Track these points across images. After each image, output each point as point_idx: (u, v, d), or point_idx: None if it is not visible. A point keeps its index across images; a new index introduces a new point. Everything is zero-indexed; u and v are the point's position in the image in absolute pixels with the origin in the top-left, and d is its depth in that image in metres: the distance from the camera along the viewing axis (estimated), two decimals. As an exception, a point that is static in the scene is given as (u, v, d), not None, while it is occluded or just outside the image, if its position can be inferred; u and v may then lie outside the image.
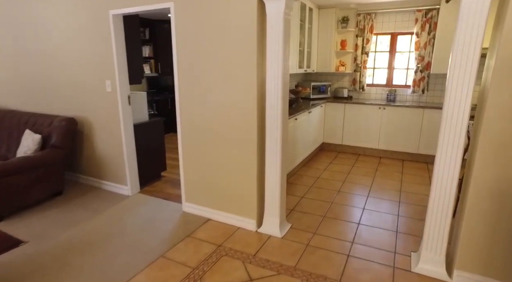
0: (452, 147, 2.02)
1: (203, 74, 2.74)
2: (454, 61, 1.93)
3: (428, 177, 4.25)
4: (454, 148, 2.01)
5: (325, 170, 4.47)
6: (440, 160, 2.07)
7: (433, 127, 4.65)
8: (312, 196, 3.60)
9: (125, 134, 3.37)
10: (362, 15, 5.20)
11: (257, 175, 2.74)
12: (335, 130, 5.31)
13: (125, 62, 3.22)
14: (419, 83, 5.03)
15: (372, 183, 3.99)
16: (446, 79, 4.97)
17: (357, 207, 3.33)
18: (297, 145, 4.13)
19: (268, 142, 2.63)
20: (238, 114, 2.67)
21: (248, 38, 2.47)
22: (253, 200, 2.80)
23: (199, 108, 2.84)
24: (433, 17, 4.79)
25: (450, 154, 2.03)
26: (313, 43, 5.16)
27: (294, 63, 4.46)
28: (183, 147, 3.03)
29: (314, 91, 5.38)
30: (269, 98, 2.53)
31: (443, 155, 2.06)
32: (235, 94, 2.64)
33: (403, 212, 3.20)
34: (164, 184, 3.92)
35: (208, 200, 3.03)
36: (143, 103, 3.74)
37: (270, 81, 2.50)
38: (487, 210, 1.97)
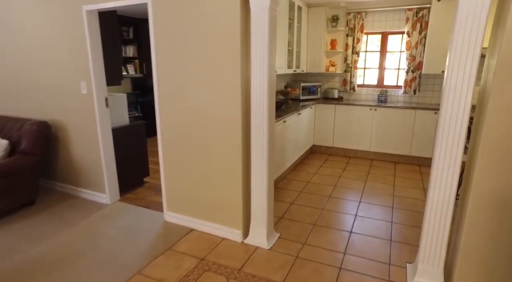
0: (450, 153, 1.87)
1: (183, 75, 2.55)
2: (452, 61, 1.78)
3: (421, 180, 4.13)
4: (453, 154, 1.87)
5: (316, 174, 4.31)
6: (437, 167, 1.93)
7: (425, 129, 4.55)
8: (302, 202, 3.43)
9: (102, 139, 3.15)
10: (352, 14, 5.07)
11: (242, 182, 2.56)
12: (325, 132, 5.16)
13: (101, 62, 3.00)
14: (410, 84, 4.93)
15: (364, 187, 3.85)
16: (437, 80, 4.90)
17: (349, 213, 3.18)
18: (286, 148, 3.97)
19: (253, 147, 2.45)
20: (220, 118, 2.49)
21: (231, 36, 2.29)
22: (238, 209, 2.62)
23: (180, 112, 2.65)
24: (424, 16, 4.68)
25: (449, 160, 1.88)
26: (302, 43, 5.01)
27: (282, 63, 4.30)
28: (163, 153, 2.83)
29: (304, 92, 5.22)
30: (254, 100, 2.36)
31: (440, 161, 1.91)
32: (217, 97, 2.46)
33: (397, 218, 3.07)
34: (147, 191, 3.71)
35: (191, 209, 2.84)
36: (123, 105, 3.53)
37: (255, 83, 2.32)
38: (488, 220, 1.83)
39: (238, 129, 2.44)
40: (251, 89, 2.35)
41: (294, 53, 4.70)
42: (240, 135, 2.45)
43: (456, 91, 1.80)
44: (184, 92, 2.58)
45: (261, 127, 2.37)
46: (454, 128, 1.84)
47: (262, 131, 2.38)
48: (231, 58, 2.33)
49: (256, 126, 2.39)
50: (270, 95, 2.35)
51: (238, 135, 2.45)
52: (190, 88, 2.55)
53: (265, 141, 2.39)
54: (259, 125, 2.38)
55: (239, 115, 2.41)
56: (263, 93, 2.31)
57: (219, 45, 2.35)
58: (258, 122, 2.38)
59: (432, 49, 4.56)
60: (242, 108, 2.41)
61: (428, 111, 4.48)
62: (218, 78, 2.42)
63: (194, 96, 2.55)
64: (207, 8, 2.32)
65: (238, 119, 2.42)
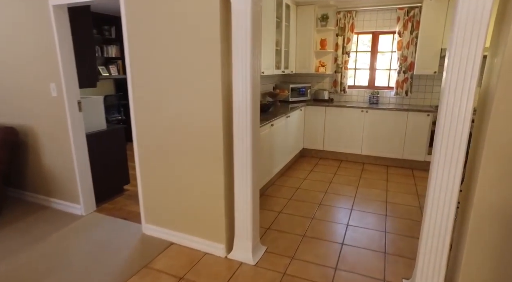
0: (450, 161, 1.71)
1: (159, 77, 2.34)
2: (451, 61, 1.61)
3: (414, 184, 3.99)
4: (453, 163, 1.70)
5: (306, 179, 4.13)
6: (435, 177, 1.76)
7: (418, 132, 4.41)
8: (291, 210, 3.25)
9: (75, 145, 2.91)
10: (342, 13, 4.91)
11: (224, 193, 2.36)
12: (315, 135, 4.99)
13: (72, 62, 2.77)
14: (402, 85, 4.79)
15: (355, 193, 3.69)
16: (429, 81, 4.78)
17: (340, 223, 3.00)
18: (274, 153, 3.78)
19: (236, 155, 2.25)
20: (200, 124, 2.28)
21: (210, 34, 2.09)
22: (221, 222, 2.42)
23: (156, 117, 2.43)
24: (415, 15, 4.55)
25: (448, 169, 1.72)
26: (291, 43, 4.83)
27: (270, 63, 4.11)
28: (140, 161, 2.61)
29: (293, 94, 5.05)
30: (236, 104, 2.16)
31: (439, 170, 1.75)
32: (196, 101, 2.25)
33: (391, 228, 2.90)
34: (126, 200, 3.47)
35: (171, 221, 2.63)
36: (99, 109, 3.29)
37: (237, 85, 2.12)
38: (492, 236, 1.67)
39: (219, 136, 2.24)
40: (233, 93, 2.15)
41: (282, 53, 4.52)
42: (222, 142, 2.25)
43: (457, 95, 1.63)
44: (161, 95, 2.37)
45: (245, 134, 2.18)
46: (454, 135, 1.68)
47: (245, 138, 2.18)
48: (211, 58, 2.12)
49: (239, 133, 2.19)
50: (254, 98, 2.16)
51: (219, 142, 2.25)
52: (166, 92, 2.34)
53: (249, 149, 2.19)
54: (242, 131, 2.18)
55: (220, 121, 2.21)
56: (246, 97, 2.11)
57: (196, 44, 2.14)
58: (241, 128, 2.18)
59: (424, 49, 4.43)
60: (224, 114, 2.21)
61: (421, 113, 4.35)
62: (197, 80, 2.21)
63: (171, 101, 2.34)
64: (184, 3, 2.11)
65: (219, 125, 2.22)
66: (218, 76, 2.14)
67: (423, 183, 4.05)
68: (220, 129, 2.22)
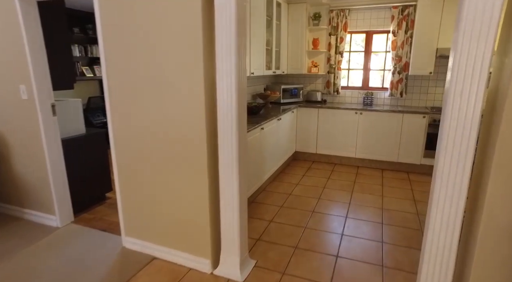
0: (455, 172, 1.54)
1: (135, 79, 2.14)
2: (457, 61, 1.45)
3: (411, 189, 3.85)
4: (458, 174, 1.54)
5: (298, 184, 3.96)
6: (439, 190, 1.59)
7: (413, 134, 4.27)
8: (282, 219, 3.07)
9: (49, 152, 2.69)
10: (335, 11, 4.75)
11: (209, 204, 2.17)
12: (308, 138, 4.82)
13: (44, 62, 2.55)
14: (397, 86, 4.65)
15: (350, 200, 3.53)
16: (424, 82, 4.64)
17: (335, 232, 2.83)
18: (265, 158, 3.60)
19: (221, 163, 2.07)
20: (181, 130, 2.09)
21: (191, 31, 1.90)
22: (206, 235, 2.23)
23: (134, 122, 2.23)
24: (410, 14, 4.42)
25: (454, 181, 1.55)
26: (282, 42, 4.66)
27: (260, 64, 3.93)
28: (118, 170, 2.41)
29: (285, 95, 4.87)
30: (220, 108, 1.97)
31: (443, 183, 1.58)
32: (176, 104, 2.06)
33: (388, 237, 2.74)
34: (108, 209, 3.25)
35: (153, 234, 2.43)
36: (77, 112, 3.07)
37: (221, 86, 1.93)
38: (504, 256, 1.51)
39: (203, 143, 2.05)
40: (217, 94, 1.96)
41: (273, 53, 4.34)
42: (206, 150, 2.06)
43: (463, 97, 1.47)
44: (139, 99, 2.17)
45: (230, 140, 1.99)
46: (460, 142, 1.51)
47: (231, 145, 1.99)
48: (192, 57, 1.93)
49: (224, 140, 2.01)
50: (240, 102, 1.97)
51: (202, 149, 2.06)
52: (145, 95, 2.14)
53: (235, 156, 2.01)
54: (228, 138, 1.99)
55: (203, 126, 2.02)
56: (231, 101, 1.92)
57: (177, 43, 1.95)
58: (226, 134, 1.99)
59: (419, 49, 4.30)
60: (207, 119, 2.02)
61: (416, 115, 4.21)
62: (177, 82, 2.02)
63: (150, 105, 2.14)
64: (163, -3, 1.92)
65: (202, 131, 2.03)
66: (201, 79, 1.95)
67: (419, 187, 3.91)
68: (203, 136, 2.03)
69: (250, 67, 3.61)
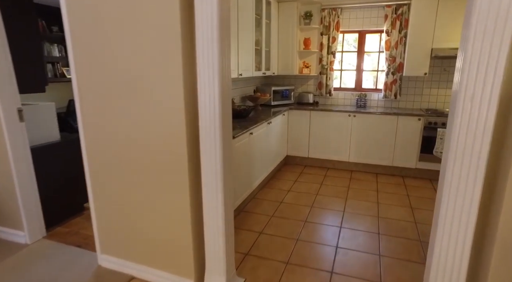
0: (465, 187, 1.37)
1: (107, 79, 1.92)
2: (468, 61, 1.28)
3: (407, 195, 3.69)
4: (469, 188, 1.36)
5: (290, 191, 3.77)
6: (446, 206, 1.42)
7: (408, 137, 4.13)
8: (273, 230, 2.87)
9: (15, 162, 2.45)
10: (327, 10, 4.59)
11: (192, 219, 1.96)
12: (300, 141, 4.64)
13: (8, 62, 2.31)
14: (391, 87, 4.51)
15: (344, 207, 3.35)
16: (419, 83, 4.50)
17: (329, 244, 2.65)
18: (254, 164, 3.40)
19: (204, 173, 1.86)
20: (159, 137, 1.88)
21: (169, 28, 1.69)
22: (188, 252, 2.02)
23: (108, 128, 2.01)
24: (404, 13, 4.28)
25: (463, 196, 1.38)
26: (272, 42, 4.47)
27: (249, 64, 3.73)
28: (92, 181, 2.18)
29: (275, 97, 4.68)
30: (202, 113, 1.77)
31: (451, 197, 1.40)
32: (152, 109, 1.85)
33: (386, 249, 2.57)
34: (85, 221, 3.02)
35: (131, 251, 2.21)
36: (50, 117, 2.83)
37: (202, 90, 1.73)
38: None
39: (183, 153, 1.84)
40: (198, 99, 1.75)
41: (263, 54, 4.15)
42: (186, 160, 1.85)
43: (474, 103, 1.30)
44: (113, 103, 1.95)
45: (213, 149, 1.79)
46: (470, 151, 1.34)
47: (214, 155, 1.79)
48: (169, 59, 1.73)
49: (206, 149, 1.80)
50: (224, 107, 1.77)
51: (183, 159, 1.86)
52: (119, 98, 1.92)
53: (219, 167, 1.80)
54: (210, 146, 1.79)
55: (183, 133, 1.81)
56: (213, 105, 1.72)
57: (153, 40, 1.74)
58: (208, 143, 1.79)
59: (413, 49, 4.16)
60: (188, 126, 1.81)
61: (412, 118, 4.07)
62: (153, 84, 1.81)
63: (124, 109, 1.93)
64: (136, -10, 1.71)
65: (182, 138, 1.82)
66: (179, 80, 1.74)
67: (415, 192, 3.76)
68: (183, 145, 1.83)
69: (238, 68, 3.41)
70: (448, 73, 4.36)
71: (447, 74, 4.37)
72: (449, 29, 3.97)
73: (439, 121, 3.95)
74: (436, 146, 3.95)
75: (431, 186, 3.99)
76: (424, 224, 2.99)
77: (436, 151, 3.96)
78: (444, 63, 4.35)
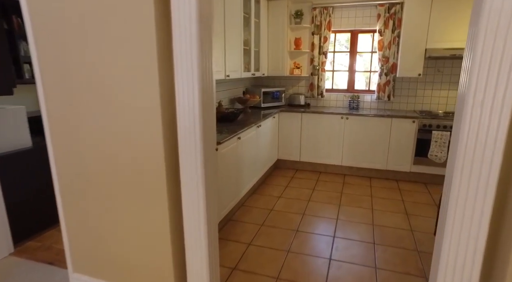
0: (473, 204, 1.21)
1: (75, 82, 1.72)
2: (478, 61, 1.12)
3: (401, 200, 3.56)
4: (477, 209, 1.21)
5: (280, 197, 3.61)
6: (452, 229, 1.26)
7: (402, 140, 4.00)
8: (262, 241, 2.70)
9: (-21, 172, 2.23)
10: (318, 9, 4.44)
11: (171, 236, 1.78)
12: (291, 144, 4.48)
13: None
14: (384, 88, 4.38)
15: (338, 214, 3.20)
16: (412, 84, 4.38)
17: (322, 256, 2.48)
18: (243, 170, 3.23)
19: (184, 187, 1.68)
20: (133, 148, 1.69)
21: (141, 27, 1.50)
22: (168, 272, 1.83)
23: (77, 138, 1.81)
24: (397, 12, 4.16)
25: (471, 217, 1.23)
26: (262, 42, 4.31)
27: (237, 65, 3.56)
28: (62, 194, 1.98)
29: (266, 99, 4.51)
30: (181, 122, 1.58)
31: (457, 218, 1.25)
32: (126, 117, 1.66)
33: (382, 261, 2.42)
34: (59, 234, 2.80)
35: (105, 270, 2.01)
36: (20, 122, 2.61)
37: (181, 96, 1.55)
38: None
39: (161, 163, 1.66)
40: (177, 106, 1.57)
41: (252, 54, 3.98)
42: (164, 175, 1.67)
43: (485, 108, 1.15)
44: (82, 109, 1.75)
45: (194, 161, 1.60)
46: (480, 164, 1.19)
47: (195, 167, 1.61)
48: (143, 61, 1.54)
49: (187, 160, 1.62)
50: (206, 110, 1.59)
51: (160, 171, 1.67)
52: (89, 104, 1.73)
53: (200, 180, 1.62)
54: (191, 158, 1.61)
55: (160, 144, 1.63)
56: (193, 110, 1.54)
57: (122, 37, 1.55)
58: (188, 155, 1.61)
59: (407, 49, 4.04)
60: (165, 134, 1.63)
61: (406, 120, 3.94)
62: (125, 90, 1.62)
63: (94, 116, 1.73)
64: (104, -19, 1.52)
65: (159, 152, 1.63)
66: (155, 85, 1.56)
67: (410, 197, 3.63)
68: (160, 157, 1.64)
69: (226, 69, 3.23)
70: (441, 74, 4.26)
71: (441, 75, 4.26)
72: (443, 29, 3.85)
73: (434, 124, 3.84)
74: (431, 149, 3.83)
75: (426, 190, 3.87)
76: (421, 232, 2.85)
77: (431, 154, 3.85)
78: (438, 64, 4.24)
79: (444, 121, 3.79)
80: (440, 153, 3.79)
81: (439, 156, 3.80)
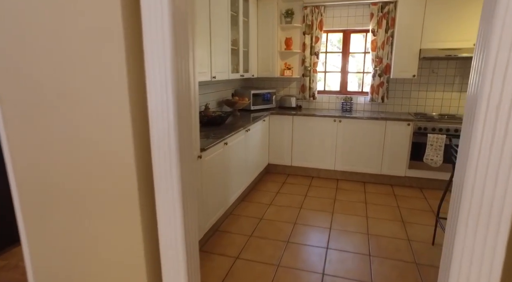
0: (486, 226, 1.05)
1: (33, 84, 1.52)
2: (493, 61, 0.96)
3: (397, 206, 3.41)
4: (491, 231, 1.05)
5: (271, 205, 3.43)
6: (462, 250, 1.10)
7: (397, 143, 3.86)
8: (250, 254, 2.52)
9: None
10: (309, 8, 4.29)
11: (146, 256, 1.58)
12: (282, 148, 4.31)
13: None
14: (377, 90, 4.24)
15: (331, 223, 3.03)
16: (407, 85, 4.23)
17: (314, 271, 2.31)
18: (230, 177, 3.04)
19: (159, 202, 1.49)
20: (100, 157, 1.49)
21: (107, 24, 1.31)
22: (144, 297, 1.63)
23: (36, 147, 1.61)
24: (390, 11, 4.02)
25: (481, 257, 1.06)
26: (251, 42, 4.13)
27: (225, 66, 3.38)
28: (22, 208, 1.76)
29: (255, 101, 4.34)
30: (154, 128, 1.40)
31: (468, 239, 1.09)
32: (91, 123, 1.46)
33: (379, 275, 2.26)
34: (32, 248, 2.57)
35: (74, 293, 1.80)
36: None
37: (153, 100, 1.36)
38: None
39: (132, 175, 1.46)
40: (149, 110, 1.38)
41: (241, 54, 3.80)
42: (136, 185, 1.47)
43: (501, 114, 0.98)
44: (42, 115, 1.55)
45: (169, 171, 1.42)
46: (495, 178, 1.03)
47: (170, 178, 1.42)
48: (110, 59, 1.35)
49: (161, 174, 1.43)
50: (183, 119, 1.41)
51: (131, 184, 1.48)
52: (49, 109, 1.52)
53: (176, 191, 1.43)
54: (165, 168, 1.42)
55: (130, 153, 1.44)
56: (167, 118, 1.35)
57: (84, 34, 1.36)
58: (163, 164, 1.42)
59: (401, 50, 3.91)
60: (136, 142, 1.44)
61: (401, 123, 3.80)
62: (89, 92, 1.42)
63: (56, 122, 1.53)
64: (63, -31, 1.32)
65: (130, 159, 1.44)
66: (124, 86, 1.37)
67: (405, 203, 3.49)
68: (131, 164, 1.45)
69: (212, 70, 3.05)
70: (436, 75, 4.14)
71: (436, 76, 4.14)
72: (438, 28, 3.73)
73: (429, 127, 3.70)
74: (427, 153, 3.70)
75: (422, 195, 3.73)
76: (418, 242, 2.71)
77: (427, 158, 3.71)
78: (433, 65, 4.12)
79: (439, 124, 3.67)
80: (436, 157, 3.66)
81: (434, 160, 3.67)
